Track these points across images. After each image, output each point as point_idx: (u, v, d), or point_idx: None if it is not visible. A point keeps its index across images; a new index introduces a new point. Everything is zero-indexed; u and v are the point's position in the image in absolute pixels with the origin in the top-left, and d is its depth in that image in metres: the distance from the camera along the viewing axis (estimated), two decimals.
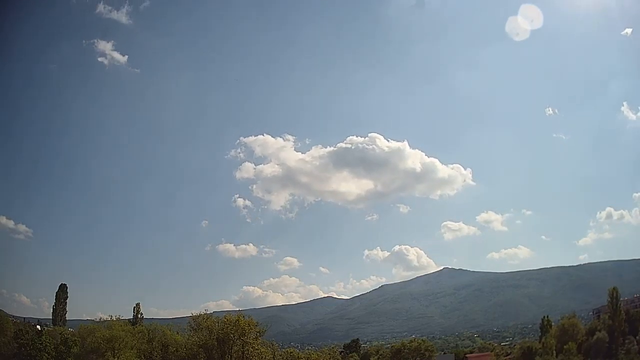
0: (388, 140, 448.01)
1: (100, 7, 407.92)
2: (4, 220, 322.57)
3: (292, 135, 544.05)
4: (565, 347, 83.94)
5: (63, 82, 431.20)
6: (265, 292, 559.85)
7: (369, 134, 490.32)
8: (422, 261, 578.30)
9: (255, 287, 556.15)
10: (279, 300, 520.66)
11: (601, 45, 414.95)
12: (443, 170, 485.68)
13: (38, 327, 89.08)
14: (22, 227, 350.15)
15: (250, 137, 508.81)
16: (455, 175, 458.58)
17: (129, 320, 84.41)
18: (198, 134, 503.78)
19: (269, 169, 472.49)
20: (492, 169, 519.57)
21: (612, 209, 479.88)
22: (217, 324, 57.73)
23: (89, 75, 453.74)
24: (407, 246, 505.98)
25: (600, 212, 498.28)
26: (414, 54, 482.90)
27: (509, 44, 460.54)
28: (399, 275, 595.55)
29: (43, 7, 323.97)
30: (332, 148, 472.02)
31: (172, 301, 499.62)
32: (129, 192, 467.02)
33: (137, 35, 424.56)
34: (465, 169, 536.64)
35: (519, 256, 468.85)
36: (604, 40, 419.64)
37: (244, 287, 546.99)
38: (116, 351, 56.14)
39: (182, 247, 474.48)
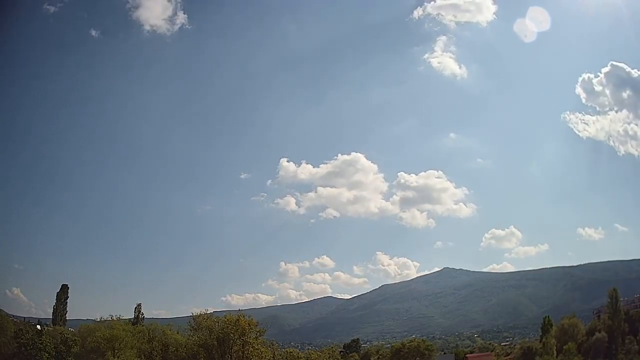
0: None
1: None
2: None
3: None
4: (565, 347, 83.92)
5: (64, 80, 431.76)
6: (265, 292, 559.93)
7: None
8: (421, 262, 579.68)
9: (256, 288, 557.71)
10: (279, 300, 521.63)
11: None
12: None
13: (38, 326, 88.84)
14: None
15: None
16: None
17: (129, 320, 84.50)
18: (200, 138, 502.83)
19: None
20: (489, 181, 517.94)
21: (612, 209, 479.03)
22: (217, 324, 57.64)
23: (96, 70, 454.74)
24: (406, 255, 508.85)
25: (600, 212, 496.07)
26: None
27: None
28: (399, 275, 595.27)
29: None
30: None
31: (173, 301, 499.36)
32: (130, 193, 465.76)
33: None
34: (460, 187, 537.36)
35: (519, 256, 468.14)
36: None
37: (244, 288, 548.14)
38: (116, 351, 56.16)
39: (183, 248, 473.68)
